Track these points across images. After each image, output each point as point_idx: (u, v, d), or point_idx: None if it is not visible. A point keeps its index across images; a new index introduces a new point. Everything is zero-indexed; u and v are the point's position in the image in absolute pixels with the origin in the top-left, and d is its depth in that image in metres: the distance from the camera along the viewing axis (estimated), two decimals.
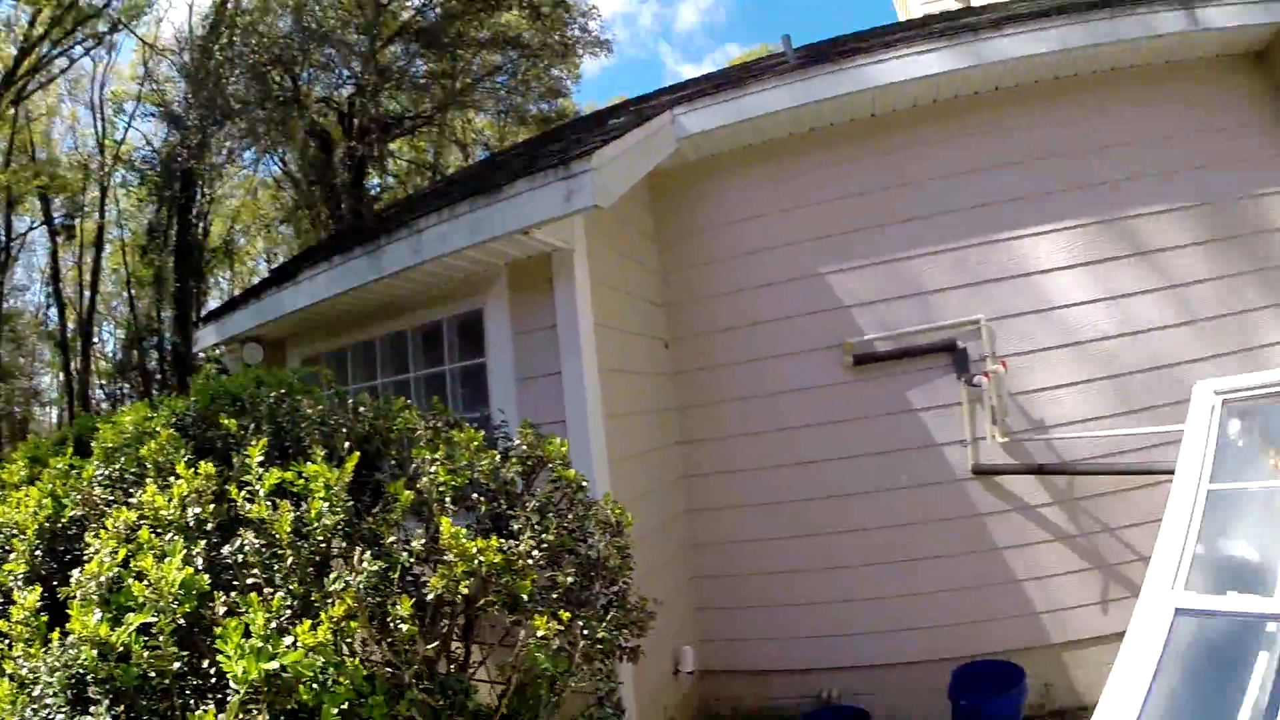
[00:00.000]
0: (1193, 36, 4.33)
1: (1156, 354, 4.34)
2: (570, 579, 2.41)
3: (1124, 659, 2.23)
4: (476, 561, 2.13)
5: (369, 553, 2.03)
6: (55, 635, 1.88)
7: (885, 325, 4.42)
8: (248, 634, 1.73)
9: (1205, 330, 4.38)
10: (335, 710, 1.71)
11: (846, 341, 4.39)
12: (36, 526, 2.40)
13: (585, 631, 2.37)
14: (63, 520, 2.45)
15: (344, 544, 2.08)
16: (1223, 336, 4.37)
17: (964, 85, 4.51)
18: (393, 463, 2.77)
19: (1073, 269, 4.42)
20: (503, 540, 2.26)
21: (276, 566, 2.02)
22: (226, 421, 2.60)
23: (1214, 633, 2.31)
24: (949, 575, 4.44)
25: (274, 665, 1.68)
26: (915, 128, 4.63)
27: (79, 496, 2.47)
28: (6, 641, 1.98)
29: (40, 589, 2.09)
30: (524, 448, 2.79)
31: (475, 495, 2.56)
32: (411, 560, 2.18)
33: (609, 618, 2.53)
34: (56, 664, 1.77)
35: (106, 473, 2.59)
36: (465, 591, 2.13)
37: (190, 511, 2.16)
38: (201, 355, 14.86)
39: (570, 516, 2.67)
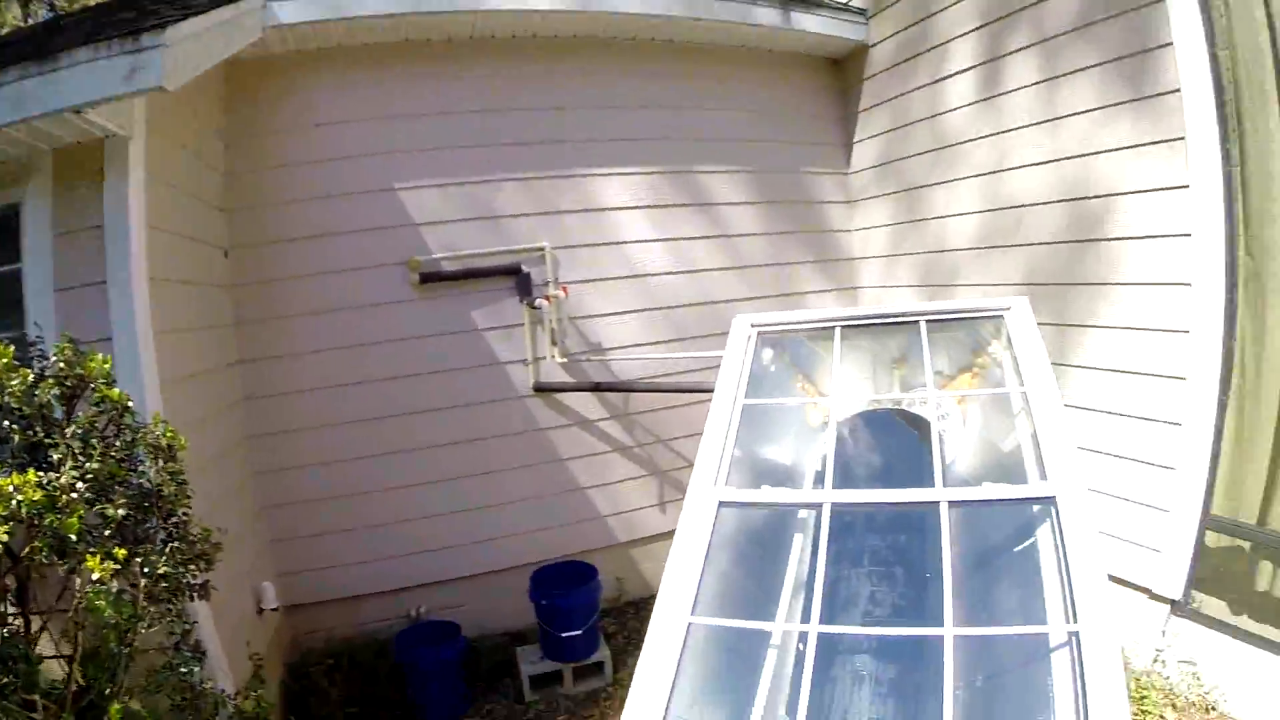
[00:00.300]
0: (787, 34, 5.12)
1: (708, 292, 5.18)
2: (122, 512, 2.26)
3: (677, 548, 2.50)
4: (14, 502, 1.90)
5: None
6: None
7: (454, 246, 4.54)
8: None
9: (751, 276, 5.36)
10: None
11: (413, 259, 4.43)
12: None
13: (145, 569, 2.26)
14: None
15: None
16: (766, 282, 5.40)
17: (566, 27, 4.72)
18: None
19: (639, 209, 4.97)
20: (42, 474, 2.05)
21: None
22: None
23: (758, 521, 2.73)
24: (523, 486, 4.84)
25: None
26: (513, 59, 4.71)
27: None
28: None
29: None
30: (61, 366, 2.47)
31: (6, 423, 2.28)
32: None
33: (169, 551, 2.41)
34: None
35: None
36: (4, 539, 1.92)
37: None
38: None
39: (118, 444, 2.45)
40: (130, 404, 2.55)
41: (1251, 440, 3.42)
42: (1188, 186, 3.42)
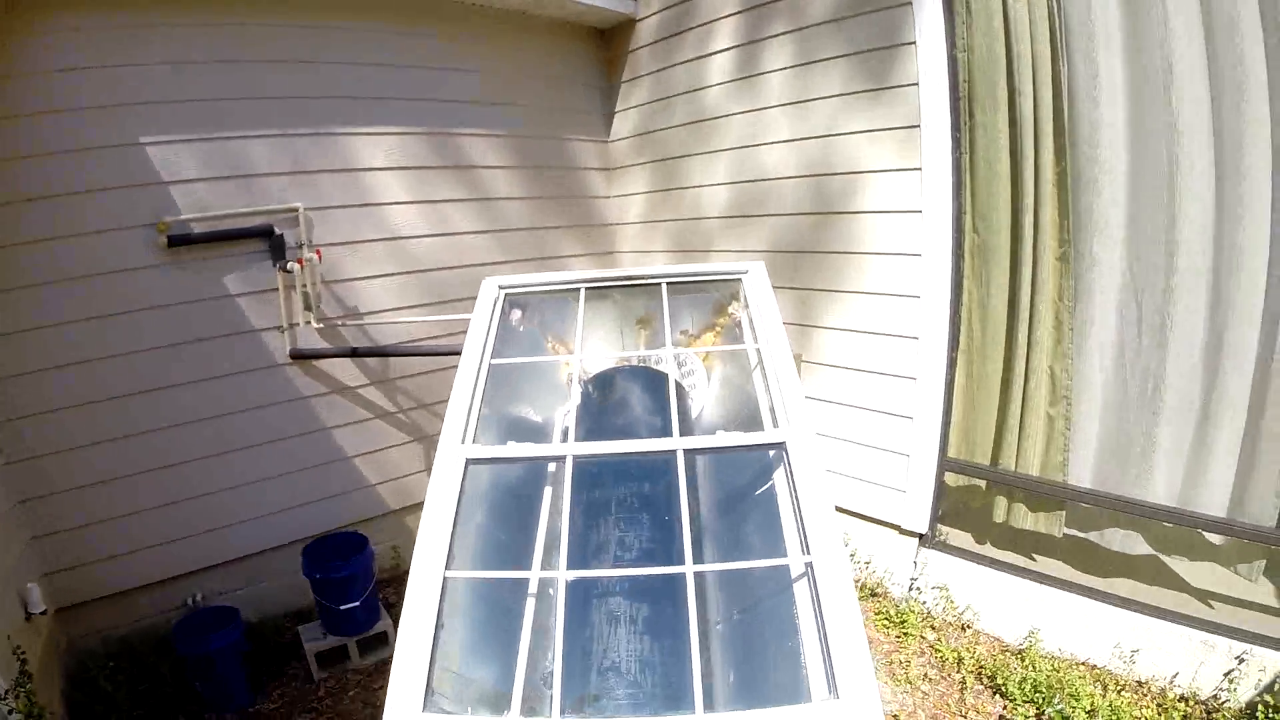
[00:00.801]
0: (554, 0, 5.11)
1: (466, 255, 5.14)
2: None
3: (429, 507, 2.51)
4: None
5: None
6: None
7: (205, 206, 4.26)
8: None
9: (510, 240, 5.37)
10: None
11: (162, 221, 4.11)
12: None
13: None
14: None
15: None
16: (525, 246, 5.44)
17: None
18: None
19: (395, 171, 4.84)
20: None
21: None
22: None
23: (509, 477, 2.77)
24: (289, 458, 4.67)
25: None
26: (269, 11, 4.43)
27: None
28: None
29: None
30: None
31: None
32: None
33: None
34: None
35: None
36: None
37: None
38: None
39: None
40: None
41: (981, 391, 3.88)
42: (920, 169, 3.79)
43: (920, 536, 4.27)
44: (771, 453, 2.65)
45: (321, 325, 4.64)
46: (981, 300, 3.84)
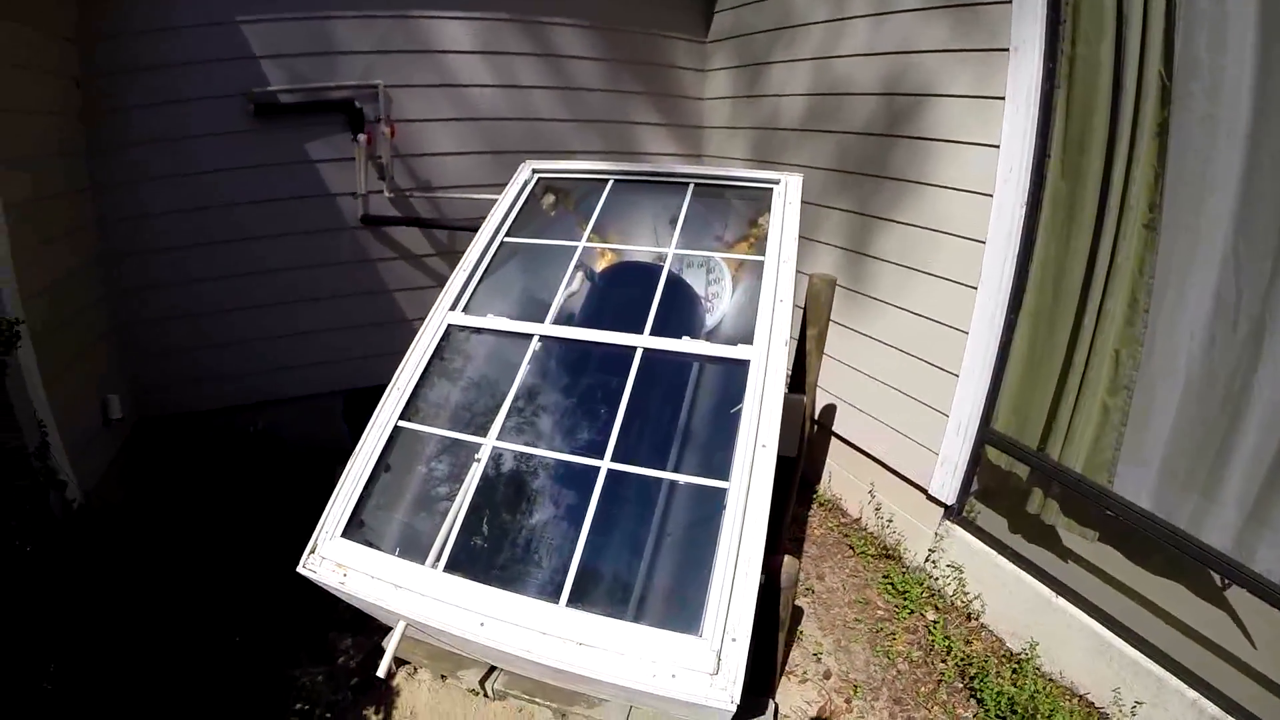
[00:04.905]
0: None
1: (543, 140, 5.19)
2: None
3: (405, 362, 2.81)
4: None
5: None
6: None
7: (291, 79, 4.49)
8: None
9: (591, 130, 5.37)
10: None
11: (250, 90, 4.40)
12: None
13: None
14: None
15: None
16: (607, 138, 5.43)
17: None
18: None
19: (478, 55, 4.89)
20: None
21: None
22: None
23: (495, 349, 2.90)
24: (349, 314, 4.98)
25: None
26: None
27: None
28: None
29: None
30: None
31: None
32: None
33: None
34: None
35: None
36: None
37: None
38: None
39: None
40: None
41: (1043, 363, 3.48)
42: (1003, 99, 3.39)
43: (946, 508, 3.95)
44: (738, 369, 2.55)
45: (393, 195, 4.83)
46: (1057, 259, 3.40)
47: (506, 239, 3.24)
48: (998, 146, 3.43)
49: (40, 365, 3.31)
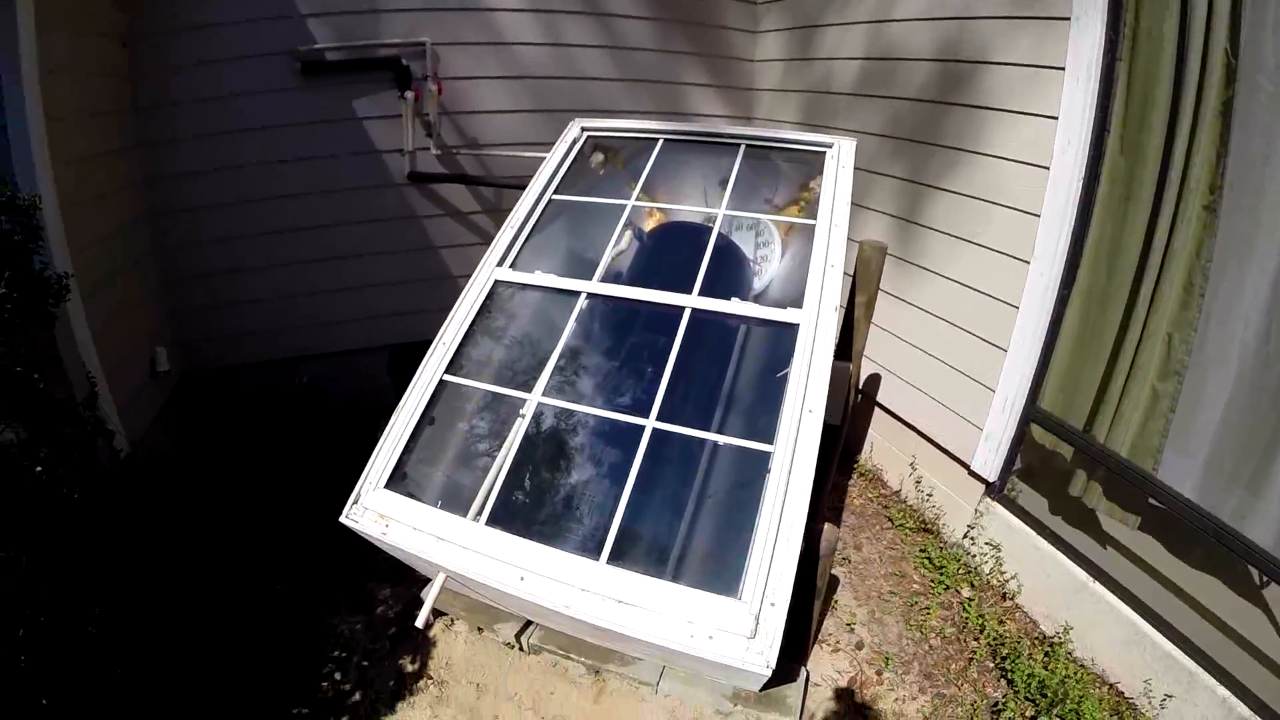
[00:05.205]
0: None
1: (590, 99, 5.12)
2: None
3: (451, 318, 2.83)
4: None
5: None
6: None
7: (338, 37, 4.48)
8: None
9: (640, 89, 5.29)
10: None
11: (296, 49, 4.40)
12: None
13: None
14: None
15: None
16: (652, 98, 5.34)
17: None
18: None
19: (525, 12, 4.82)
20: None
21: None
22: None
23: (533, 304, 2.91)
24: (394, 270, 5.02)
25: None
26: None
27: None
28: None
29: None
30: None
31: None
32: None
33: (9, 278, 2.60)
34: None
35: None
36: None
37: None
38: None
39: None
40: None
41: (1094, 342, 3.38)
42: (1064, 69, 3.26)
43: (988, 484, 3.89)
44: (784, 332, 2.52)
45: (440, 152, 4.82)
46: (1113, 236, 3.29)
47: (555, 196, 3.22)
48: (1055, 118, 3.31)
49: (89, 318, 3.39)
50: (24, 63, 3.09)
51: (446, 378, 2.65)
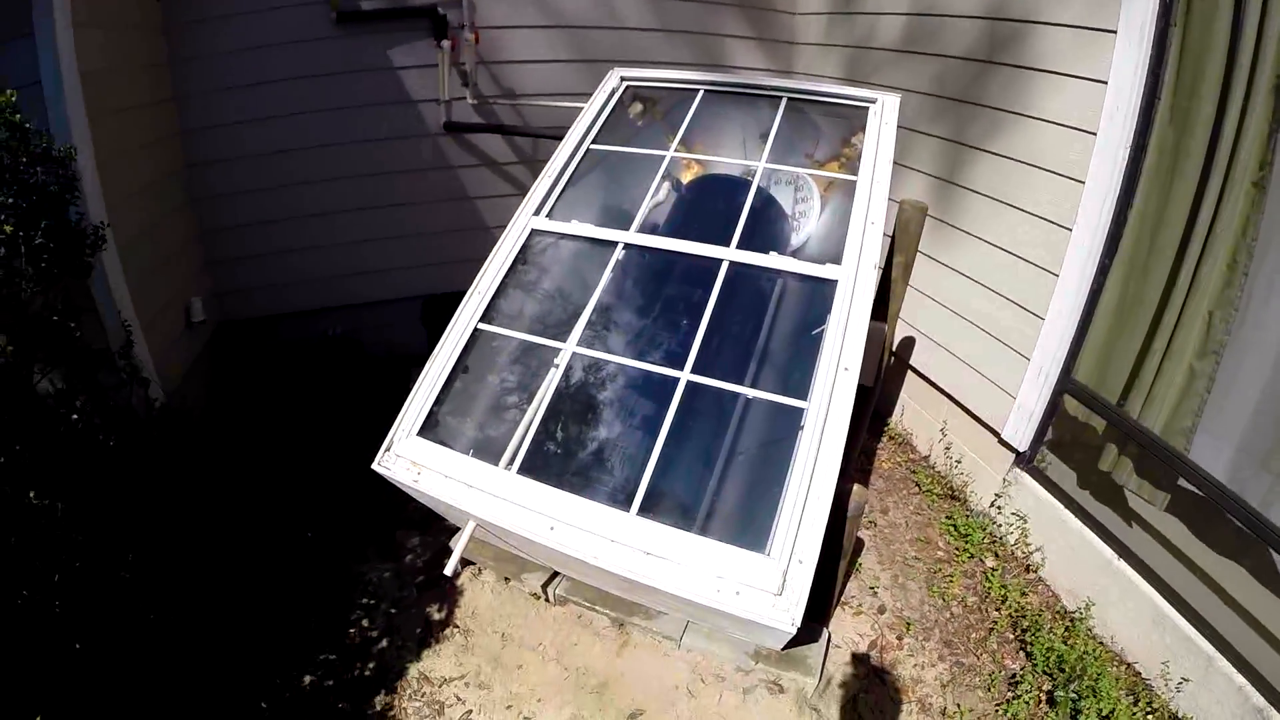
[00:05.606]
0: None
1: (629, 49, 5.03)
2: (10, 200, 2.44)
3: (486, 266, 2.82)
4: None
5: None
6: None
7: None
8: None
9: (679, 40, 5.19)
10: None
11: None
12: None
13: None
14: None
15: None
16: (692, 49, 5.24)
17: None
18: None
19: None
20: None
21: None
22: None
23: (570, 253, 2.89)
24: (428, 220, 5.01)
25: None
26: None
27: None
28: None
29: None
30: None
31: None
32: None
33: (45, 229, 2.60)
34: None
35: None
36: None
37: None
38: None
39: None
40: (28, 126, 2.64)
41: (1132, 315, 3.30)
42: (1115, 32, 3.13)
43: (1018, 454, 3.84)
44: (824, 288, 2.48)
45: (476, 102, 4.78)
46: (1158, 208, 3.18)
47: (593, 146, 3.18)
48: (1105, 82, 3.19)
49: (125, 268, 3.43)
50: (57, 17, 3.10)
51: (481, 326, 2.64)
